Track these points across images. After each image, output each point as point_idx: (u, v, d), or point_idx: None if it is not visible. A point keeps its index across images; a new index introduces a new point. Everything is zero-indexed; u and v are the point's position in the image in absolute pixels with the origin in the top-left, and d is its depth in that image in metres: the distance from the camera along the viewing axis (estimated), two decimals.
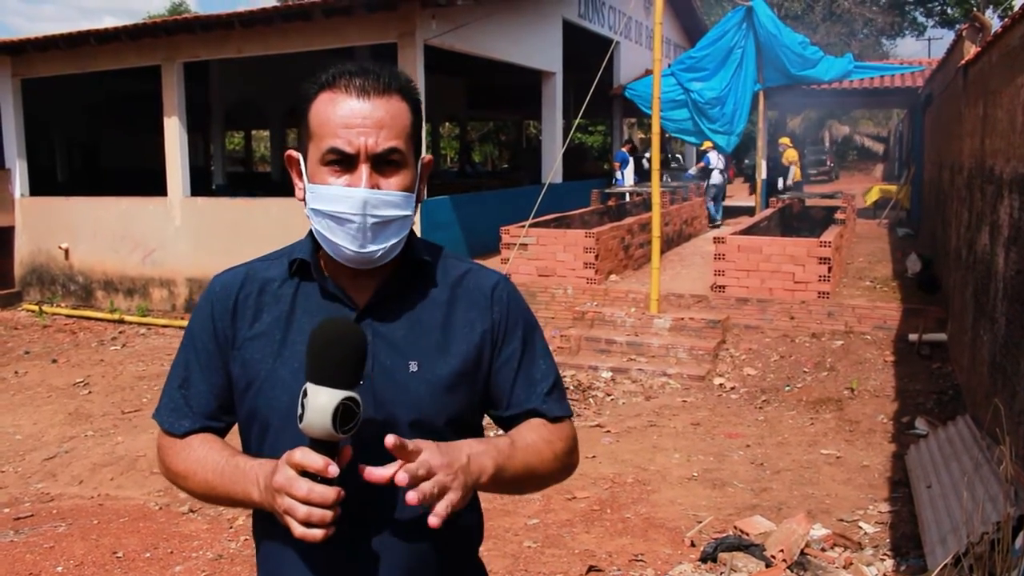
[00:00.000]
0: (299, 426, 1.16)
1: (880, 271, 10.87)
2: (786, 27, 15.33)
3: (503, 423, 1.48)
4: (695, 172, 15.43)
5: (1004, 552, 3.05)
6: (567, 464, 1.46)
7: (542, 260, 9.99)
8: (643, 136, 39.18)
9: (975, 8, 28.22)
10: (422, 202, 1.42)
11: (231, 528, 4.84)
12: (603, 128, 31.94)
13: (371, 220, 1.28)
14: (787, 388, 7.44)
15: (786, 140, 16.74)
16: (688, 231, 14.61)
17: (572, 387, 7.60)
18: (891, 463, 5.72)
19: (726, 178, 15.93)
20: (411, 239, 1.42)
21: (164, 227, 11.87)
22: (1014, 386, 4.41)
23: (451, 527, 1.37)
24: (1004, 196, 5.07)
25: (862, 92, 17.02)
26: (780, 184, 16.04)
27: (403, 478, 1.15)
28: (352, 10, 10.02)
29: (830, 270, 8.73)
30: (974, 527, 3.48)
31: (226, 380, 1.39)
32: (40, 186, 13.88)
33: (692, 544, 4.50)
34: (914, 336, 8.00)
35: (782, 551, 4.04)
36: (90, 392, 8.06)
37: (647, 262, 10.13)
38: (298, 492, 1.15)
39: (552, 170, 12.58)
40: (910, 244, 13.27)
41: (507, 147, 39.55)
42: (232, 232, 11.19)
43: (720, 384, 7.63)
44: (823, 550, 4.29)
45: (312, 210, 1.31)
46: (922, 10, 35.69)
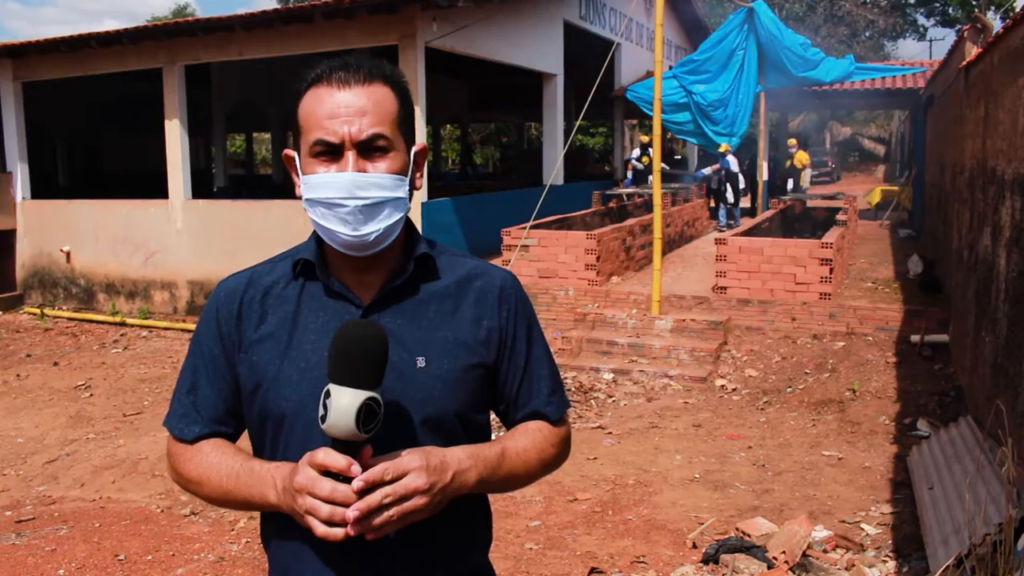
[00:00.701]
0: (322, 427, 1.17)
1: (882, 272, 10.86)
2: (787, 28, 15.35)
3: (507, 422, 1.50)
4: (709, 172, 15.32)
5: (1006, 553, 3.04)
6: (552, 466, 1.48)
7: (543, 262, 9.99)
8: (645, 138, 39.22)
9: (977, 9, 28.22)
10: (420, 189, 1.42)
11: (233, 531, 4.85)
12: (604, 130, 31.95)
13: (360, 203, 1.30)
14: (789, 389, 7.43)
15: (794, 141, 16.65)
16: (689, 232, 14.61)
17: (573, 388, 7.60)
18: (893, 464, 5.71)
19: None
20: (412, 234, 1.43)
21: (165, 230, 11.88)
22: (1016, 387, 4.40)
23: (462, 526, 1.38)
24: (1006, 197, 5.07)
25: (863, 93, 17.01)
26: (790, 186, 15.96)
27: (358, 484, 1.16)
28: (353, 12, 10.03)
29: (832, 271, 8.73)
30: (976, 528, 3.48)
31: (234, 384, 1.40)
32: (41, 189, 13.91)
33: (694, 546, 4.50)
34: (916, 337, 8.00)
35: (784, 553, 4.03)
36: (91, 395, 8.06)
37: (648, 263, 10.14)
38: (321, 492, 1.16)
39: (553, 172, 12.59)
40: (912, 245, 13.26)
41: (503, 149, 39.56)
42: (233, 234, 11.20)
43: (722, 385, 7.62)
44: (825, 552, 4.29)
45: (307, 201, 1.33)
46: (923, 11, 35.68)
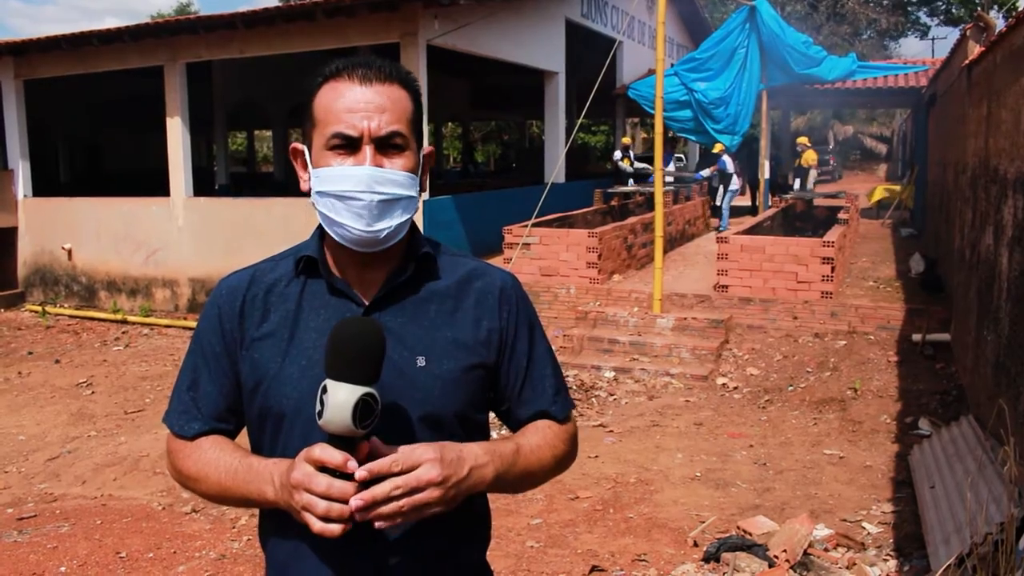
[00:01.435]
0: (318, 422, 1.17)
1: (883, 271, 10.85)
2: (789, 27, 15.32)
3: (511, 422, 1.49)
4: (708, 173, 15.26)
5: (1008, 553, 3.04)
6: (565, 463, 1.49)
7: (545, 260, 9.99)
8: (646, 136, 39.21)
9: (979, 8, 28.17)
10: (425, 192, 1.42)
11: (234, 528, 4.85)
12: (606, 128, 31.93)
13: (377, 198, 1.30)
14: (790, 388, 7.43)
15: (804, 140, 16.58)
16: (691, 231, 14.61)
17: (575, 387, 7.60)
18: (894, 463, 5.71)
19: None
20: (415, 233, 1.43)
21: (167, 227, 11.89)
22: (1018, 387, 4.40)
23: (461, 523, 1.38)
24: (1008, 196, 5.06)
25: (866, 92, 17.01)
26: (797, 185, 15.90)
27: (361, 474, 1.16)
28: (354, 10, 10.02)
29: (833, 270, 8.72)
30: (977, 528, 3.47)
31: (234, 382, 1.40)
32: (43, 187, 13.92)
33: (695, 544, 4.50)
34: (917, 336, 7.99)
35: (785, 551, 4.03)
36: (93, 392, 8.07)
37: (650, 262, 10.13)
38: (317, 488, 1.16)
39: (555, 170, 12.59)
40: (913, 244, 13.25)
41: (503, 147, 39.58)
42: (235, 232, 11.20)
43: (723, 384, 7.62)
44: (826, 550, 4.29)
45: (318, 193, 1.33)
46: (926, 10, 35.64)
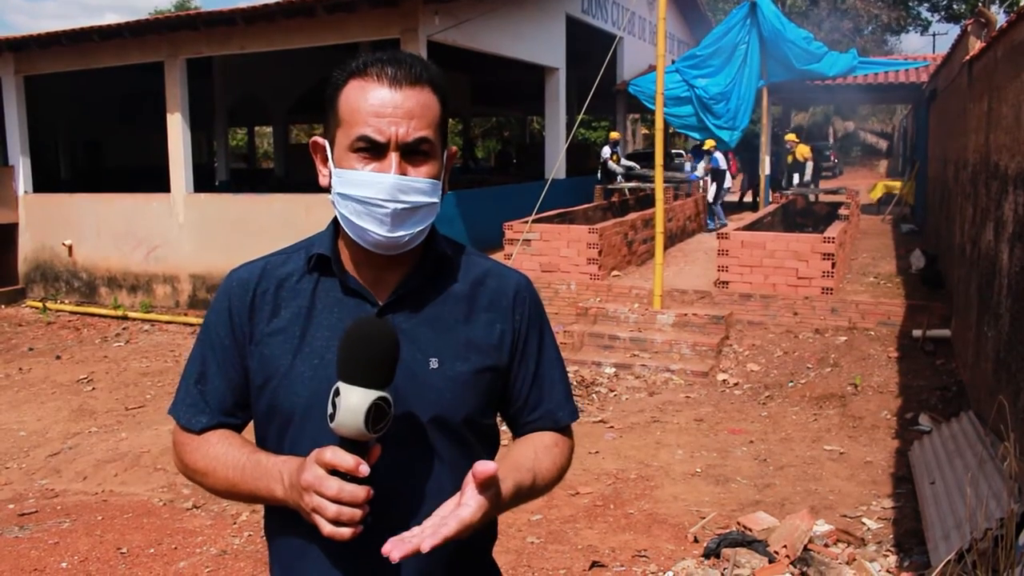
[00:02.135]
0: (330, 425, 1.16)
1: (884, 267, 10.85)
2: (790, 23, 15.30)
3: (517, 427, 1.49)
4: (702, 173, 15.11)
5: (1007, 548, 3.04)
6: (562, 478, 1.49)
7: (545, 256, 9.99)
8: (646, 132, 39.15)
9: (980, 3, 28.13)
10: (446, 192, 1.41)
11: (235, 524, 4.85)
12: (606, 124, 31.90)
13: (400, 206, 1.28)
14: (790, 384, 7.43)
15: (792, 136, 16.52)
16: (691, 227, 14.61)
17: (575, 383, 7.61)
18: (894, 459, 5.71)
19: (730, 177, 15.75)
20: (433, 233, 1.41)
21: (167, 224, 11.89)
22: (1018, 382, 4.40)
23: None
24: (1009, 192, 5.06)
25: (866, 88, 16.98)
26: (796, 180, 15.85)
27: (395, 555, 1.14)
28: (355, 6, 10.01)
29: (834, 266, 8.72)
30: (977, 523, 3.48)
31: (243, 376, 1.38)
32: (44, 183, 13.92)
33: (695, 540, 4.50)
34: (918, 332, 7.99)
35: (785, 547, 4.04)
36: (94, 388, 8.07)
37: (650, 258, 10.13)
38: (328, 491, 1.15)
39: (555, 166, 12.58)
40: (914, 240, 13.25)
41: (502, 143, 39.50)
42: (235, 228, 11.20)
43: (723, 380, 7.62)
44: (826, 546, 4.29)
45: (339, 195, 1.31)
46: (927, 5, 35.58)
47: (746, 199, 19.13)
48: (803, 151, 15.70)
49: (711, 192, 14.90)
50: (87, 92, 17.98)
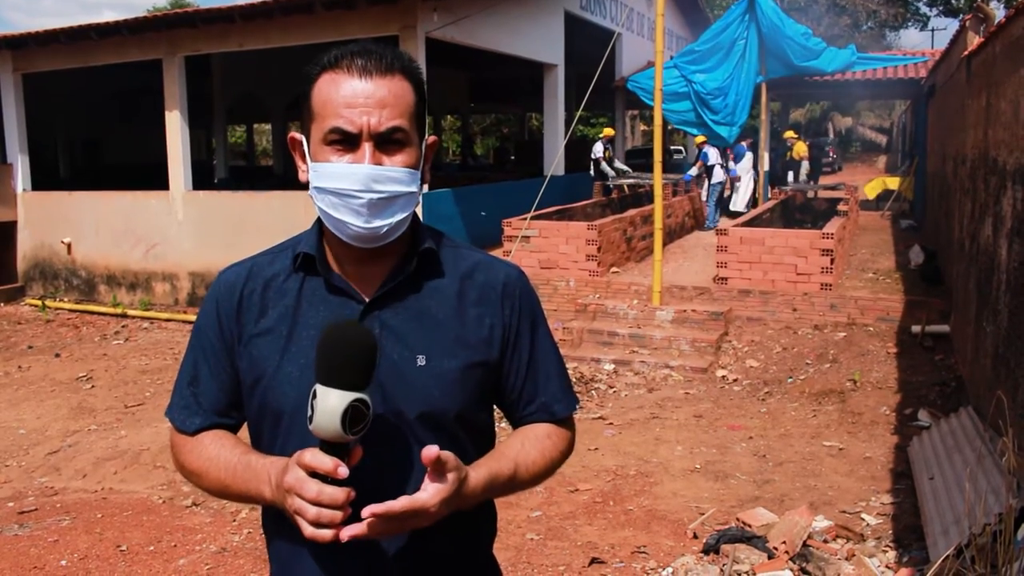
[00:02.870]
0: (309, 427, 1.16)
1: (883, 263, 10.85)
2: (789, 18, 15.28)
3: (514, 419, 1.48)
4: (695, 172, 14.94)
5: (1006, 543, 3.05)
6: (554, 471, 1.48)
7: (544, 252, 9.99)
8: (645, 128, 39.12)
9: None
10: (427, 183, 1.41)
11: (234, 521, 4.86)
12: (604, 120, 31.88)
13: (375, 196, 1.27)
14: (789, 380, 7.44)
15: (791, 133, 16.48)
16: (690, 223, 14.60)
17: (575, 379, 7.61)
18: (893, 455, 5.72)
19: (727, 173, 15.62)
20: (417, 227, 1.40)
21: (166, 221, 11.88)
22: (1017, 378, 4.41)
23: (468, 523, 1.37)
24: (1007, 187, 5.06)
25: (865, 83, 16.96)
26: (790, 178, 15.79)
27: (367, 513, 1.16)
28: (353, 3, 10.00)
29: (833, 262, 8.72)
30: (976, 518, 3.48)
31: (234, 377, 1.39)
32: (42, 181, 13.90)
33: (695, 536, 4.51)
34: (917, 328, 8.00)
35: (784, 543, 4.05)
36: (93, 386, 8.07)
37: (649, 254, 10.13)
38: (308, 494, 1.15)
39: (554, 162, 12.57)
40: (913, 236, 13.25)
41: (500, 140, 39.48)
42: (234, 226, 11.20)
43: (722, 376, 7.63)
44: (825, 542, 4.30)
45: (316, 188, 1.31)
46: (925, 0, 35.54)
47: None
48: (800, 149, 15.64)
49: (704, 189, 14.83)
50: (85, 90, 17.95)
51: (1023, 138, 4.61)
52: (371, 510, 1.15)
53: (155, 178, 12.98)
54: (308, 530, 1.16)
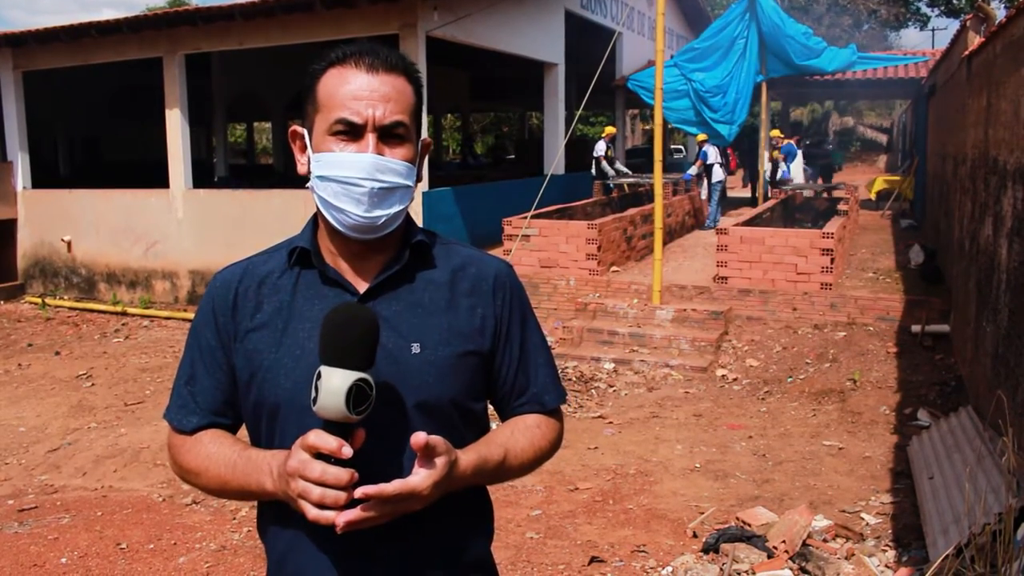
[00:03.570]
0: (312, 408, 1.17)
1: (883, 262, 10.85)
2: (789, 18, 15.28)
3: (505, 412, 1.50)
4: (695, 171, 14.87)
5: (1006, 543, 3.05)
6: (543, 461, 1.50)
7: (544, 251, 9.99)
8: (645, 127, 39.11)
9: None
10: (422, 182, 1.44)
11: (234, 519, 4.86)
12: (603, 119, 31.87)
13: (377, 185, 1.31)
14: (789, 379, 7.44)
15: (776, 132, 16.37)
16: (691, 222, 14.59)
17: (574, 378, 7.61)
18: (893, 454, 5.72)
19: (727, 172, 15.55)
20: (409, 223, 1.44)
21: (166, 219, 11.88)
22: (1017, 377, 4.41)
23: (464, 518, 1.39)
24: (1008, 187, 5.06)
25: (866, 83, 16.95)
26: (768, 175, 15.67)
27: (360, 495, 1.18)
28: (354, 1, 10.00)
29: (833, 261, 8.72)
30: (976, 518, 3.48)
31: (231, 375, 1.40)
32: (42, 179, 13.89)
33: (694, 535, 4.51)
34: (917, 327, 8.00)
35: (784, 542, 4.05)
36: (93, 384, 8.07)
37: (649, 253, 10.13)
38: (312, 474, 1.16)
39: (554, 161, 12.57)
40: (913, 235, 13.25)
41: (498, 138, 39.46)
42: (234, 224, 11.20)
43: (722, 375, 7.63)
44: (825, 541, 4.30)
45: (318, 177, 1.34)
46: (926, 0, 35.52)
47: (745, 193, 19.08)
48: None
49: (703, 188, 14.80)
50: (85, 88, 17.94)
51: (1023, 138, 4.61)
52: (364, 491, 1.17)
53: (155, 176, 12.98)
54: (312, 512, 1.17)
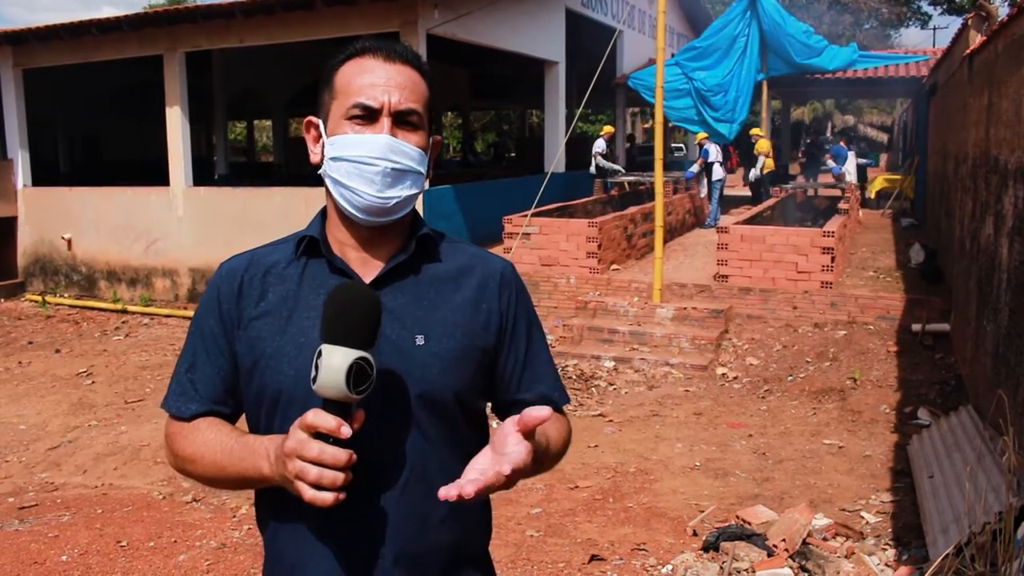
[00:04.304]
0: (313, 388, 1.17)
1: (883, 261, 10.85)
2: (790, 16, 15.27)
3: (506, 411, 1.47)
4: (696, 169, 14.80)
5: (1006, 542, 3.05)
6: (563, 454, 1.49)
7: (545, 250, 9.98)
8: (645, 126, 39.09)
9: None
10: (429, 179, 1.45)
11: (234, 517, 4.86)
12: (603, 118, 31.86)
13: (391, 166, 1.33)
14: (790, 378, 7.44)
15: (757, 131, 16.20)
16: (691, 221, 14.59)
17: (575, 377, 7.61)
18: (893, 453, 5.72)
19: (727, 170, 15.47)
20: (417, 218, 1.46)
21: (167, 217, 11.87)
22: (1017, 377, 4.41)
23: (462, 516, 1.37)
24: (1009, 186, 5.06)
25: (866, 81, 16.94)
26: (750, 175, 15.54)
27: (464, 491, 1.14)
28: None
29: (833, 260, 8.72)
30: (976, 517, 3.48)
31: (232, 364, 1.40)
32: (42, 177, 13.89)
33: (694, 533, 4.51)
34: (917, 326, 8.00)
35: (784, 541, 4.05)
36: (93, 382, 8.08)
37: (650, 252, 10.13)
38: (310, 453, 1.15)
39: (555, 160, 12.56)
40: (914, 234, 13.24)
41: (498, 136, 39.45)
42: (234, 222, 11.19)
43: (723, 374, 7.63)
44: (825, 540, 4.30)
45: (332, 159, 1.36)
46: None
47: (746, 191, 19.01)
48: (761, 146, 15.27)
49: (703, 187, 14.75)
50: (86, 85, 17.93)
51: None
52: (471, 489, 1.13)
53: (155, 174, 12.98)
54: (308, 493, 1.15)
